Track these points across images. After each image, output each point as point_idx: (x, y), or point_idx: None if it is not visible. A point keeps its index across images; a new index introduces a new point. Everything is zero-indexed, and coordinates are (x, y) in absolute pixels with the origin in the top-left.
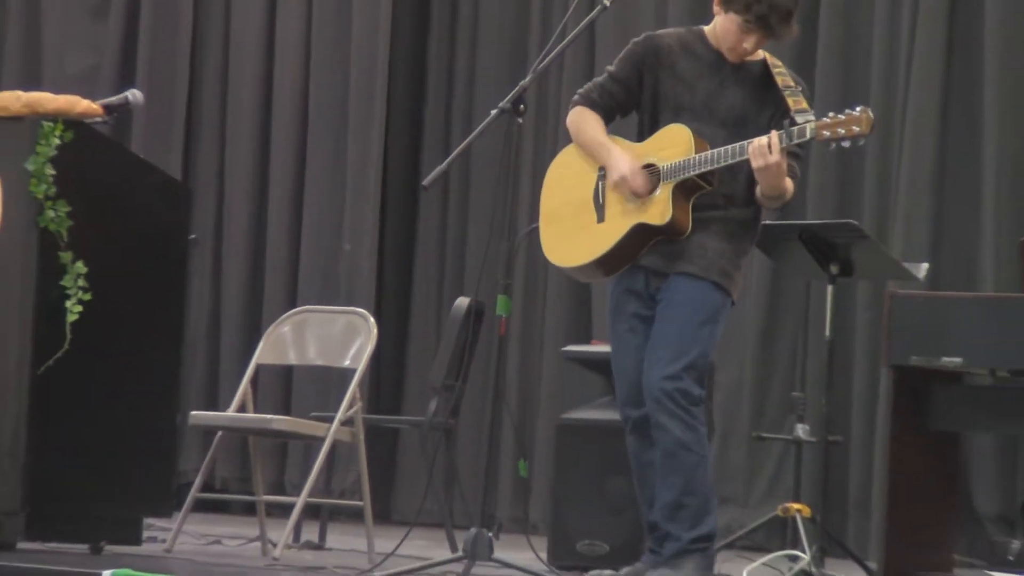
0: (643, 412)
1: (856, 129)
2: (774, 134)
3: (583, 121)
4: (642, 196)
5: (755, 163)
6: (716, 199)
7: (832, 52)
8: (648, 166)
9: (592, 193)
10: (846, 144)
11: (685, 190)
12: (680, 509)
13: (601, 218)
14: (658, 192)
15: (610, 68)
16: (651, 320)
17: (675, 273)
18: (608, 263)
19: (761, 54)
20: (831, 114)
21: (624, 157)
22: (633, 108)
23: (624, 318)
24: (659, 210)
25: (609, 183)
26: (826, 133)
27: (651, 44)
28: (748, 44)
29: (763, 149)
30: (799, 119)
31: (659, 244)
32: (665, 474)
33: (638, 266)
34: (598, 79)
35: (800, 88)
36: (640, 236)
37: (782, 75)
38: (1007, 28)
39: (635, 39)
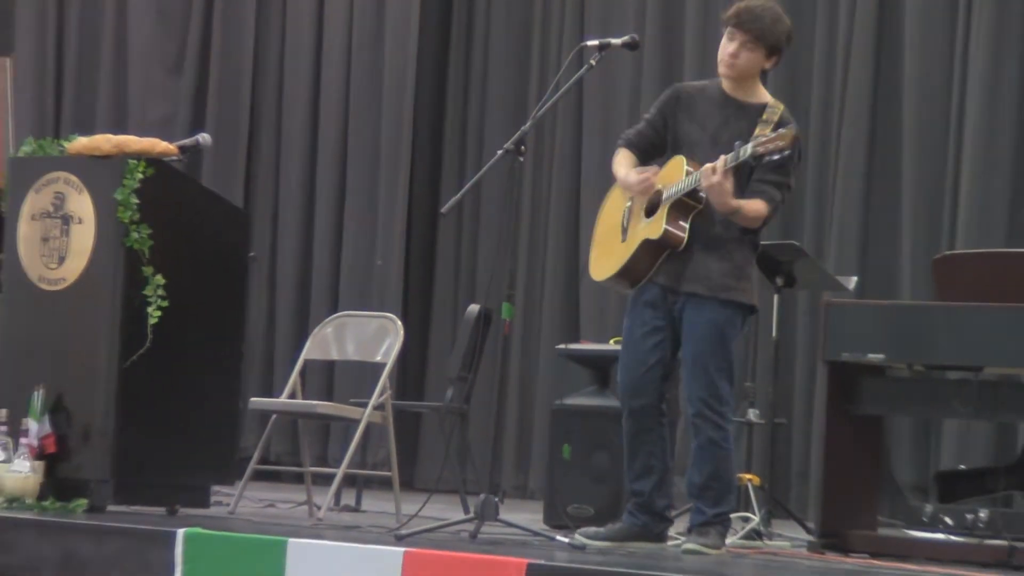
0: (641, 403)
1: (781, 143)
2: (721, 158)
3: (616, 161)
4: (648, 186)
5: (703, 183)
6: (714, 221)
7: (779, 94)
8: (657, 191)
9: (621, 218)
10: (776, 157)
11: (680, 209)
12: (707, 490)
13: (624, 239)
14: (658, 212)
15: (645, 115)
16: (664, 330)
17: (685, 293)
18: (628, 275)
19: (766, 97)
20: (766, 134)
21: (637, 175)
22: (665, 147)
23: (639, 324)
24: (657, 226)
25: (629, 199)
26: (760, 149)
27: (674, 93)
28: (730, 48)
29: (708, 171)
30: (750, 143)
31: (668, 262)
32: (698, 461)
33: (654, 282)
34: (638, 124)
35: (775, 123)
36: (647, 250)
37: (771, 113)
38: (922, 78)
39: (668, 90)
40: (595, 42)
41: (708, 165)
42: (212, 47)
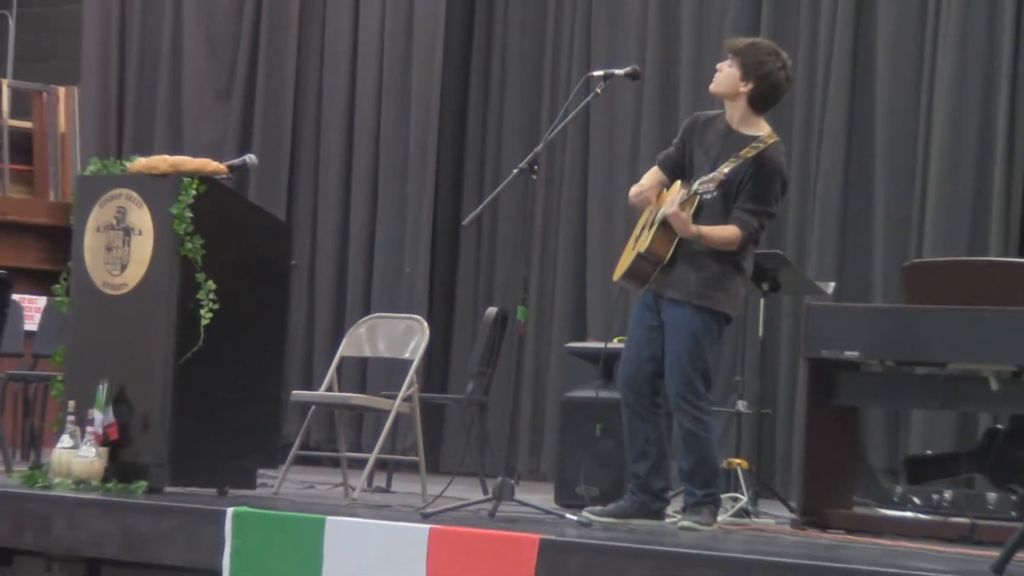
0: (636, 394)
1: (712, 185)
2: (683, 191)
3: (647, 178)
4: (643, 200)
5: (667, 212)
6: (693, 240)
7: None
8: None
9: (639, 230)
10: (711, 195)
11: (668, 228)
12: (694, 475)
13: (634, 248)
14: (651, 229)
15: (675, 139)
16: (658, 330)
17: (667, 298)
18: (631, 279)
19: (762, 131)
20: (707, 176)
21: (635, 187)
22: (683, 168)
23: (637, 324)
24: (645, 242)
25: (650, 211)
26: (701, 188)
27: (693, 121)
28: (719, 65)
29: (673, 201)
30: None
31: (662, 271)
32: (683, 450)
33: (649, 288)
34: (669, 147)
35: (747, 157)
36: (640, 261)
37: (752, 148)
38: (892, 105)
39: (690, 117)
40: (600, 72)
41: (673, 196)
42: (258, 77)
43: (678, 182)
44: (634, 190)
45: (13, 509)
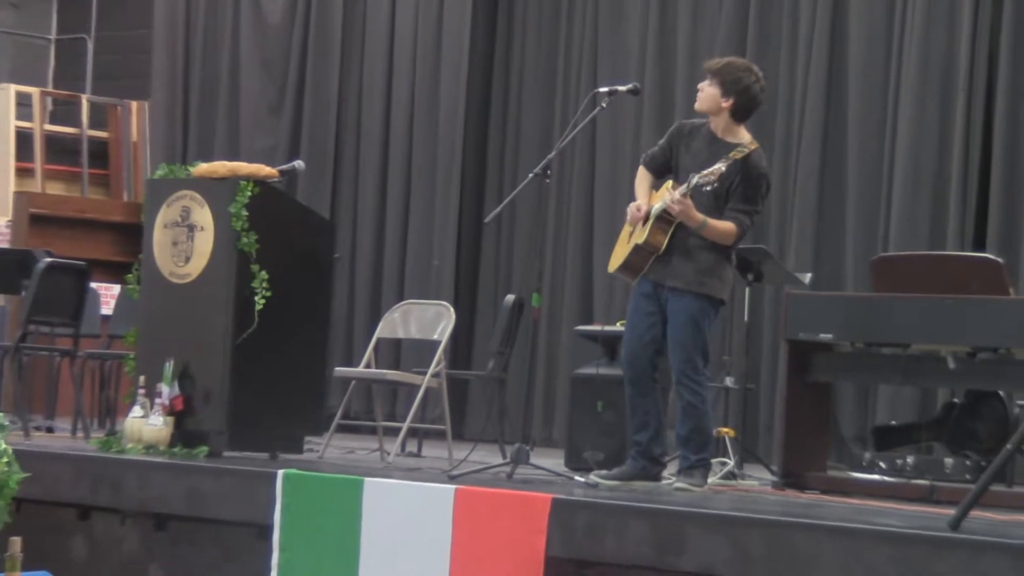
0: (637, 372)
1: (712, 177)
2: (683, 185)
3: (637, 177)
4: (637, 220)
5: (672, 207)
6: (690, 233)
7: (751, 130)
8: (647, 210)
9: (628, 231)
10: (712, 186)
11: (663, 221)
12: (689, 441)
13: (629, 241)
14: (647, 223)
15: (661, 141)
16: (656, 315)
17: (668, 287)
18: (627, 270)
19: (743, 138)
20: (707, 170)
21: (633, 205)
22: (669, 169)
23: (637, 310)
24: (642, 234)
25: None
26: (701, 180)
27: (679, 128)
28: (701, 84)
29: (674, 195)
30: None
31: (657, 263)
32: (682, 419)
33: (647, 278)
34: (653, 148)
35: (734, 159)
36: (637, 253)
37: (738, 151)
38: (863, 117)
39: (676, 124)
40: (605, 89)
41: (674, 192)
42: (305, 93)
43: (669, 181)
44: (634, 208)
45: (91, 471)
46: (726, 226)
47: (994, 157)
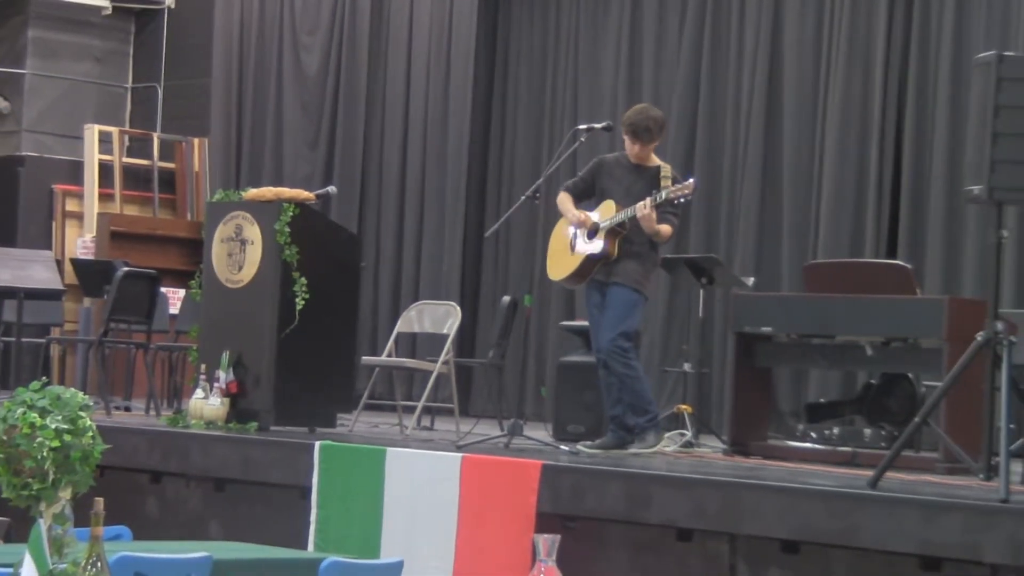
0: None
1: (687, 191)
2: (647, 199)
3: (561, 200)
4: (588, 228)
5: (639, 215)
6: (632, 241)
7: (703, 157)
8: (593, 223)
9: (569, 239)
10: (682, 200)
11: (612, 234)
12: (631, 407)
13: (572, 253)
14: (598, 236)
15: (580, 173)
16: (604, 308)
17: (612, 282)
18: (576, 277)
19: (656, 161)
20: (678, 184)
21: (579, 214)
22: (590, 195)
23: (591, 306)
24: (597, 245)
25: (572, 227)
26: (672, 195)
27: (599, 162)
28: (633, 149)
29: (642, 207)
30: (664, 191)
31: (603, 266)
32: (621, 390)
33: (595, 279)
34: (574, 178)
35: (672, 178)
36: (589, 262)
37: (665, 175)
38: (796, 145)
39: (594, 159)
40: (584, 126)
41: (640, 203)
42: (337, 130)
43: (610, 201)
44: (575, 214)
45: (162, 443)
46: (668, 228)
47: (903, 179)
